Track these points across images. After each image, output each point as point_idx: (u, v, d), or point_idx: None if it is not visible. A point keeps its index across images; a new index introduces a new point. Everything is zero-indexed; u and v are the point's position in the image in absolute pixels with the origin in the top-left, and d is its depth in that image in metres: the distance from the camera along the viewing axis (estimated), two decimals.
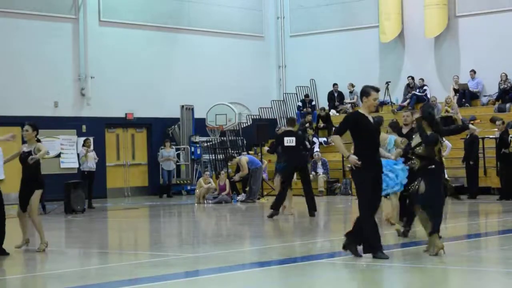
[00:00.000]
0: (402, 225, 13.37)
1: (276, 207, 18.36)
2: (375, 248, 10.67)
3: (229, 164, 27.28)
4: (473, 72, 29.09)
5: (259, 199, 24.90)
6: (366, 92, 10.89)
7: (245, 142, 30.74)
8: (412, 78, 30.28)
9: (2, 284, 10.03)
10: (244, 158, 25.06)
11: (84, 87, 28.30)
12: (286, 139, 18.54)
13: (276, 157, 22.17)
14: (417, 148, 11.08)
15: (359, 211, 10.84)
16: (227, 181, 25.11)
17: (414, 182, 11.27)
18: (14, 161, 13.97)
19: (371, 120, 10.90)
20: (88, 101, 28.39)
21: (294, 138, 18.49)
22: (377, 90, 11.03)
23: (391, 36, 30.76)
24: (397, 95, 30.78)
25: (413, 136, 11.53)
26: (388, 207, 14.60)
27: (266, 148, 25.51)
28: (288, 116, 27.55)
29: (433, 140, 10.95)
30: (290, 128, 18.91)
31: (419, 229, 12.83)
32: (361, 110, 10.99)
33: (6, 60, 26.57)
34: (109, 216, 22.36)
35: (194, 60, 31.03)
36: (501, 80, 28.22)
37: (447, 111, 27.64)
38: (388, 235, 13.87)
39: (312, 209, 18.53)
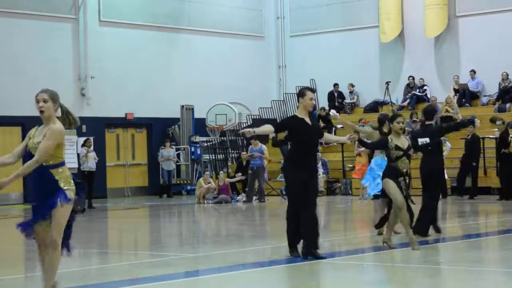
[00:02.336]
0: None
1: None
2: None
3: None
4: (473, 72, 29.09)
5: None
6: (301, 93, 11.10)
7: (245, 142, 30.73)
8: (413, 78, 30.28)
9: (2, 284, 10.03)
10: (264, 146, 25.15)
11: (84, 87, 28.31)
12: None
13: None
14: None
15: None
16: (226, 179, 25.11)
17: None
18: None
19: (309, 122, 11.05)
20: (88, 101, 28.40)
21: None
22: (312, 90, 11.36)
23: (391, 36, 30.76)
24: (397, 95, 30.78)
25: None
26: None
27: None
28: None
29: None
30: None
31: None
32: (298, 113, 11.16)
33: (6, 60, 26.57)
34: (109, 216, 22.37)
35: (194, 60, 31.03)
36: (502, 79, 28.19)
37: (447, 111, 27.65)
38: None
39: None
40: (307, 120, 11.03)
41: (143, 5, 30.06)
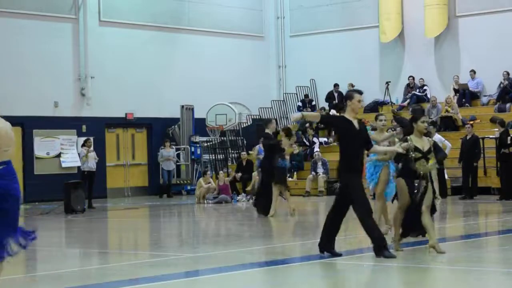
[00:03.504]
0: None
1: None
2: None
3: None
4: (473, 72, 29.08)
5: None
6: (349, 95, 10.97)
7: (245, 142, 30.74)
8: (413, 78, 30.28)
9: (2, 284, 10.02)
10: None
11: (84, 87, 28.31)
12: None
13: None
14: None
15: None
16: (226, 179, 25.11)
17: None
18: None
19: (357, 126, 10.89)
20: (88, 101, 28.39)
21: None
22: (360, 92, 11.11)
23: (391, 36, 30.76)
24: (397, 95, 30.78)
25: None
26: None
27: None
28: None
29: None
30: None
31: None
32: (346, 115, 10.98)
33: (6, 60, 26.57)
34: (109, 216, 22.36)
35: (194, 60, 31.03)
36: (503, 79, 28.16)
37: (447, 111, 27.65)
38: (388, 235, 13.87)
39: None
40: (355, 124, 10.86)
41: (143, 5, 30.06)
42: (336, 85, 31.76)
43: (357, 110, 10.94)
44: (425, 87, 30.05)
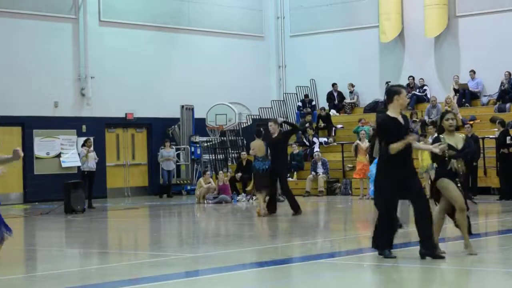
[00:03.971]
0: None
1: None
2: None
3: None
4: (473, 72, 29.08)
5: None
6: (397, 91, 10.77)
7: (245, 142, 30.73)
8: (413, 78, 30.28)
9: (2, 284, 10.02)
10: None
11: (84, 87, 28.30)
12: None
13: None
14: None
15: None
16: (225, 179, 25.10)
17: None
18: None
19: (402, 121, 10.72)
20: (88, 101, 28.38)
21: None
22: (405, 87, 11.02)
23: (391, 36, 30.75)
24: None
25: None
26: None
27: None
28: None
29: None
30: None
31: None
32: (390, 113, 10.78)
33: (6, 60, 26.57)
34: (109, 216, 22.36)
35: (194, 60, 31.03)
36: (505, 79, 28.12)
37: (447, 111, 27.60)
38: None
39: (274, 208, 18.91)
40: (400, 119, 10.72)
41: (143, 5, 30.06)
42: (334, 85, 31.76)
43: (405, 105, 10.90)
44: (425, 87, 30.04)
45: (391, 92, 10.84)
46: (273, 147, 19.01)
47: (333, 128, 30.36)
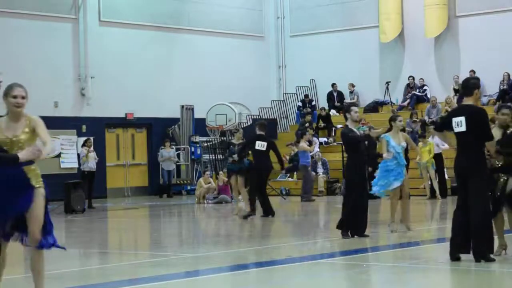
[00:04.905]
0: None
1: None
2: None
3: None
4: (473, 72, 29.04)
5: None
6: (477, 85, 10.36)
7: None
8: (413, 78, 30.28)
9: (2, 284, 10.02)
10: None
11: (84, 87, 28.31)
12: (258, 143, 18.65)
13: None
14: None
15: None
16: (225, 179, 25.10)
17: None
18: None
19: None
20: (88, 101, 28.39)
21: (265, 143, 18.61)
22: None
23: (391, 36, 30.76)
24: (397, 95, 30.78)
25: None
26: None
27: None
28: (261, 121, 27.13)
29: None
30: (261, 133, 18.98)
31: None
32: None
33: (6, 60, 26.54)
34: (109, 216, 22.36)
35: (194, 60, 31.03)
36: (503, 80, 28.13)
37: (447, 111, 27.62)
38: (388, 235, 13.88)
39: (270, 212, 18.52)
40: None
41: (143, 5, 30.06)
42: (333, 85, 31.76)
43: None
44: (425, 87, 30.05)
45: (470, 85, 10.33)
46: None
47: (333, 128, 30.35)
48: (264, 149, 18.57)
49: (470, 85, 10.35)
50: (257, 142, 18.68)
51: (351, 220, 13.26)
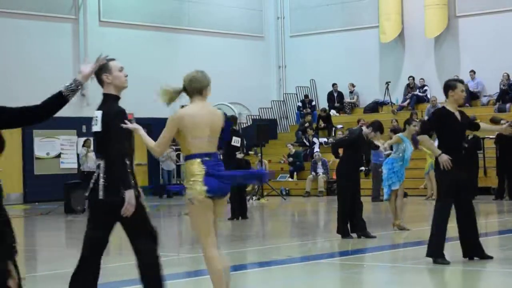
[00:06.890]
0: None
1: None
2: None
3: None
4: (473, 72, 29.08)
5: (259, 199, 24.77)
6: (451, 85, 10.33)
7: (245, 142, 30.66)
8: (413, 78, 30.28)
9: None
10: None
11: (84, 87, 28.27)
12: (233, 138, 17.84)
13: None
14: None
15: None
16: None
17: None
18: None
19: (459, 117, 10.32)
20: (88, 101, 28.37)
21: (239, 139, 17.95)
22: (462, 81, 10.63)
23: (391, 36, 30.75)
24: (397, 95, 30.78)
25: None
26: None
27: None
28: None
29: None
30: (234, 127, 18.07)
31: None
32: (447, 106, 10.36)
33: (6, 60, 26.56)
34: None
35: (194, 60, 30.90)
36: (502, 80, 28.13)
37: None
38: (388, 235, 13.89)
39: (244, 213, 17.98)
40: (457, 115, 10.33)
41: (143, 5, 30.06)
42: (334, 85, 31.77)
43: (461, 101, 10.38)
44: (425, 87, 30.04)
45: (447, 86, 10.37)
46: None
47: (333, 128, 30.35)
48: (238, 145, 18.05)
49: (444, 88, 10.38)
50: (233, 138, 17.85)
51: (348, 220, 13.29)
